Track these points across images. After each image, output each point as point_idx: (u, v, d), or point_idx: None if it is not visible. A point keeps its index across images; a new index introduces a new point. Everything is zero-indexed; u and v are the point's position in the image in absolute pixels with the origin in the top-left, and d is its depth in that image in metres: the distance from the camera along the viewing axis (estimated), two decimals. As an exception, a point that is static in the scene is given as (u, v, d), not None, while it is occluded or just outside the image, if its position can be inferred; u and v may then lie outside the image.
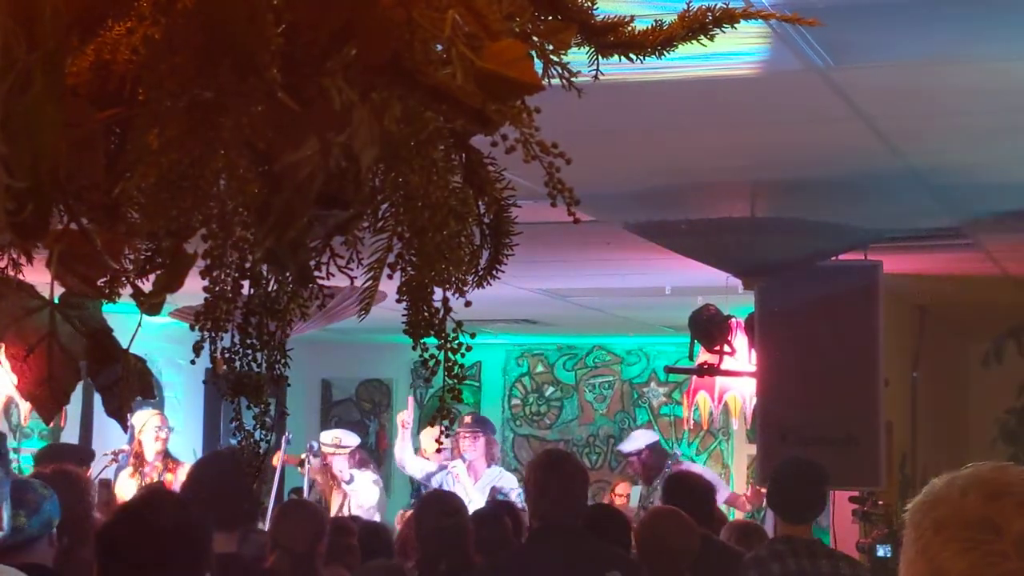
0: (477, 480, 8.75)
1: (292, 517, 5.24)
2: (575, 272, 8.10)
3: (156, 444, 8.50)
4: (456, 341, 1.27)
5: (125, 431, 1.55)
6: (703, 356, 7.27)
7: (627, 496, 11.30)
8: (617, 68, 1.49)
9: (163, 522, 2.71)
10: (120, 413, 1.33)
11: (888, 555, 6.36)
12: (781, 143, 4.82)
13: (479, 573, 4.97)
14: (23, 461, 8.94)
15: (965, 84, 4.05)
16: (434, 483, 8.80)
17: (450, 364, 1.28)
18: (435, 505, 5.38)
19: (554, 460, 4.92)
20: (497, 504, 7.39)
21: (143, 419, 8.59)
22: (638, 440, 9.60)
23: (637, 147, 4.91)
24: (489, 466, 8.93)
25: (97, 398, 1.40)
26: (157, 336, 9.98)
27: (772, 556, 5.20)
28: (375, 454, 13.25)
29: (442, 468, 8.99)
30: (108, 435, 9.13)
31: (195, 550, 2.73)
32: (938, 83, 4.04)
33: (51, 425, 9.13)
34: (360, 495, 9.05)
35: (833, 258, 6.38)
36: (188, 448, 10.92)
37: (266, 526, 6.10)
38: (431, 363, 1.28)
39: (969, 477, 1.63)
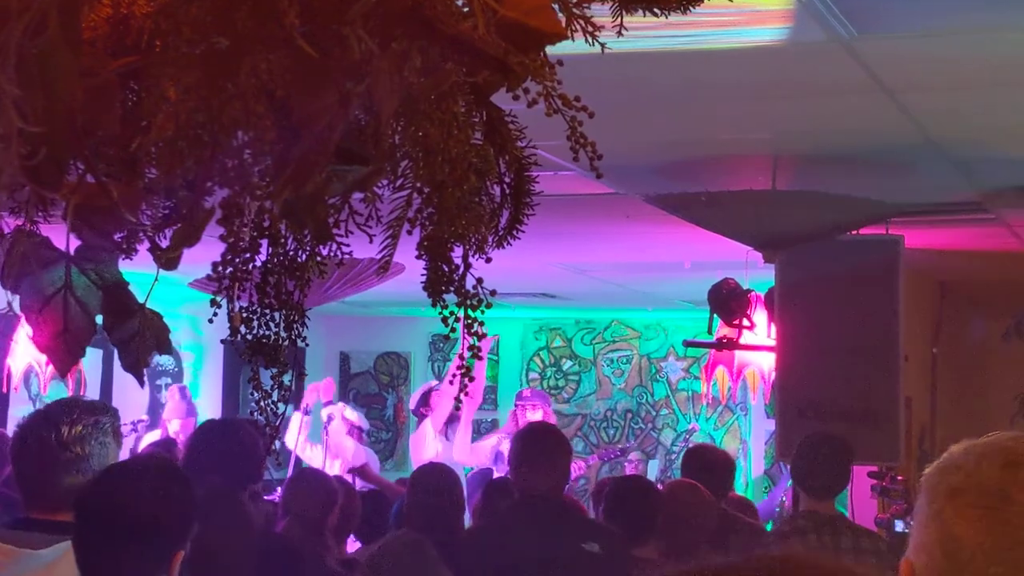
0: None
1: (304, 485, 5.24)
2: (594, 245, 8.07)
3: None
4: (476, 298, 1.26)
5: (142, 386, 1.53)
6: (722, 330, 7.24)
7: (635, 465, 11.32)
8: (640, 39, 1.47)
9: (138, 489, 2.67)
10: (137, 368, 1.32)
11: (906, 530, 6.33)
12: (803, 115, 4.78)
13: (461, 542, 4.97)
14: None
15: (989, 55, 4.01)
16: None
17: (470, 321, 1.26)
18: (429, 480, 5.31)
19: (536, 432, 4.98)
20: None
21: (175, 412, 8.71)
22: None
23: (658, 119, 4.88)
24: None
25: (117, 368, 1.39)
26: (176, 307, 10.01)
27: (795, 531, 5.20)
28: (393, 426, 13.28)
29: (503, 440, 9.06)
30: (128, 405, 9.16)
31: (172, 518, 2.67)
32: (962, 54, 4.00)
33: (71, 394, 9.17)
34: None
35: (854, 232, 6.34)
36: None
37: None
38: (451, 320, 1.26)
39: (987, 445, 1.62)
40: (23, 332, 7.09)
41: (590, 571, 4.53)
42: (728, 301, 6.98)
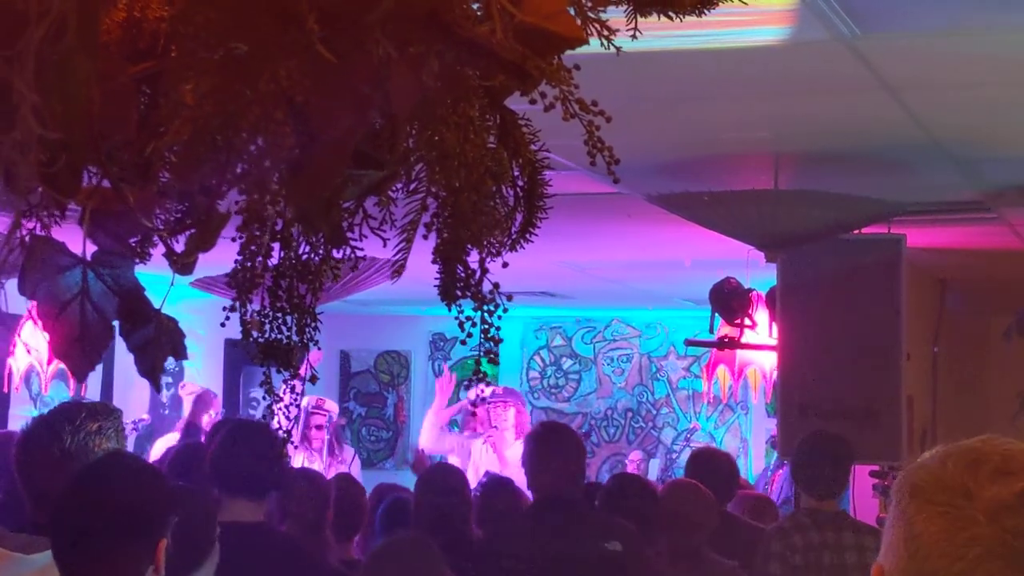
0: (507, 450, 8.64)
1: (296, 485, 5.23)
2: (595, 244, 8.06)
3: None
4: (493, 303, 1.26)
5: (157, 392, 1.53)
6: (723, 329, 7.24)
7: (637, 464, 11.32)
8: (642, 39, 1.46)
9: (112, 488, 2.66)
10: (153, 374, 1.32)
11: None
12: (805, 115, 4.78)
13: (479, 546, 4.96)
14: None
15: (992, 55, 4.00)
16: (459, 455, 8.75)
17: (487, 326, 1.26)
18: (436, 481, 5.30)
19: (552, 433, 4.96)
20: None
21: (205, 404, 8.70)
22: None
23: (660, 118, 4.87)
24: (518, 438, 8.81)
25: (117, 368, 1.39)
26: (177, 306, 9.99)
27: (796, 528, 5.20)
28: (393, 425, 13.29)
29: (475, 435, 8.97)
30: (128, 405, 9.16)
31: (150, 510, 2.66)
32: (965, 53, 4.00)
33: (72, 395, 9.18)
34: None
35: (856, 231, 6.34)
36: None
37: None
38: (467, 326, 1.26)
39: (956, 446, 1.62)
40: (24, 332, 7.09)
41: (614, 570, 4.54)
42: (729, 300, 6.98)
